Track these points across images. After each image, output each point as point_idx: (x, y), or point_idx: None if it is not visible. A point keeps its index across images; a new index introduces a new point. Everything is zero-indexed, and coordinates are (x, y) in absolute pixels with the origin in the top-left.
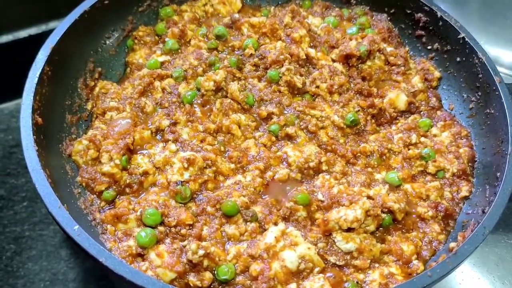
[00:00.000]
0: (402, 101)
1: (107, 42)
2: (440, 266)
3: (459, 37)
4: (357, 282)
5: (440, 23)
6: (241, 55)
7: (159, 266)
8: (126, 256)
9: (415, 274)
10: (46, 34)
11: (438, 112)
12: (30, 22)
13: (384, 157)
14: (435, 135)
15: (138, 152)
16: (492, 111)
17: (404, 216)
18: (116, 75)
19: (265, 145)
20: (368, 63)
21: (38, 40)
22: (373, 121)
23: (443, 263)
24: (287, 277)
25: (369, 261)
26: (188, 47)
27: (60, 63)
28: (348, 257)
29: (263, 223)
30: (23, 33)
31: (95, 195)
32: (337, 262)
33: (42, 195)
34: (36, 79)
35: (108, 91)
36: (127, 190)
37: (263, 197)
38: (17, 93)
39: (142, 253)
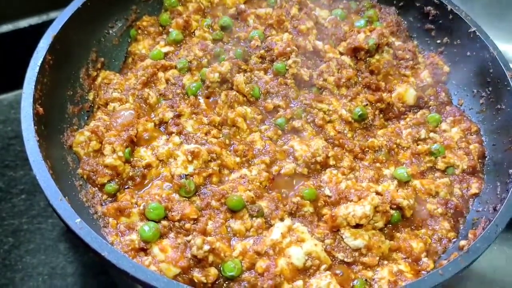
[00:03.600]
0: (410, 95)
1: (110, 31)
2: (452, 264)
3: (469, 31)
4: (365, 280)
5: (450, 16)
6: (246, 47)
7: (162, 261)
8: (128, 250)
9: (424, 272)
10: (46, 24)
11: (448, 107)
12: (31, 12)
13: (393, 152)
14: (444, 131)
15: (142, 146)
16: (503, 107)
17: (413, 212)
18: (118, 66)
19: (271, 139)
20: (377, 56)
21: (39, 30)
22: (381, 115)
23: (455, 262)
24: (293, 274)
25: (377, 258)
26: (192, 38)
27: (62, 52)
28: (356, 254)
29: (269, 219)
30: (23, 23)
31: (96, 188)
32: (345, 259)
33: (43, 187)
34: (38, 68)
35: (111, 82)
36: (130, 183)
37: (269, 192)
38: (17, 84)
39: (145, 247)
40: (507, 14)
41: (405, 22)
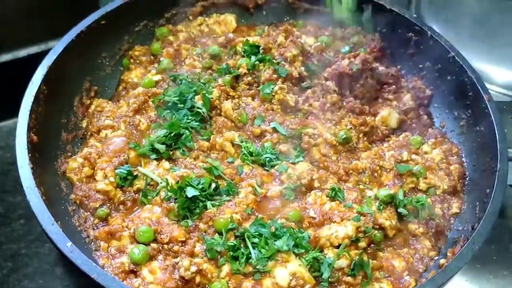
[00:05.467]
0: (393, 119)
1: (104, 61)
2: (429, 282)
3: (449, 56)
4: None
5: (431, 42)
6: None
7: (151, 283)
8: (119, 272)
9: None
10: (45, 53)
11: (429, 130)
12: (30, 42)
13: (376, 174)
14: (426, 152)
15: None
16: (482, 129)
17: (395, 232)
18: (111, 94)
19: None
20: (360, 81)
21: (38, 59)
22: (365, 138)
23: (432, 279)
24: None
25: (360, 277)
26: (183, 66)
27: (57, 82)
28: (340, 273)
29: None
30: (22, 53)
31: (88, 213)
32: (329, 279)
33: (36, 212)
34: (32, 98)
35: (104, 109)
36: (121, 207)
37: (256, 214)
38: (16, 111)
39: (135, 269)
40: (489, 37)
41: (388, 48)
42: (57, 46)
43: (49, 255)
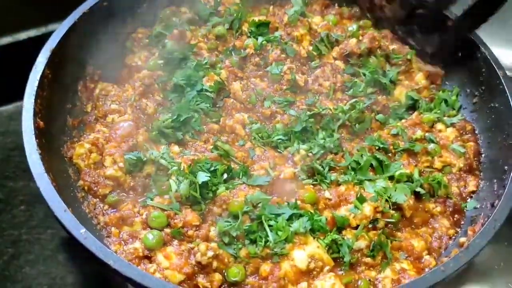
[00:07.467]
0: (405, 97)
1: (106, 44)
2: (453, 261)
3: None
4: (369, 280)
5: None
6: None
7: (167, 268)
8: (132, 258)
9: (427, 269)
10: (45, 36)
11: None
12: (30, 24)
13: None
14: (440, 131)
15: None
16: (497, 105)
17: (412, 212)
18: (115, 77)
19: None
20: (370, 60)
21: (38, 42)
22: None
23: (456, 258)
24: (297, 276)
25: (380, 257)
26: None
27: (60, 66)
28: (359, 254)
29: None
30: (22, 35)
31: (98, 199)
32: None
33: (47, 199)
34: (37, 82)
35: (109, 93)
36: (131, 193)
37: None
38: (16, 95)
39: (149, 255)
40: (497, 19)
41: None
42: (60, 29)
43: (51, 241)
